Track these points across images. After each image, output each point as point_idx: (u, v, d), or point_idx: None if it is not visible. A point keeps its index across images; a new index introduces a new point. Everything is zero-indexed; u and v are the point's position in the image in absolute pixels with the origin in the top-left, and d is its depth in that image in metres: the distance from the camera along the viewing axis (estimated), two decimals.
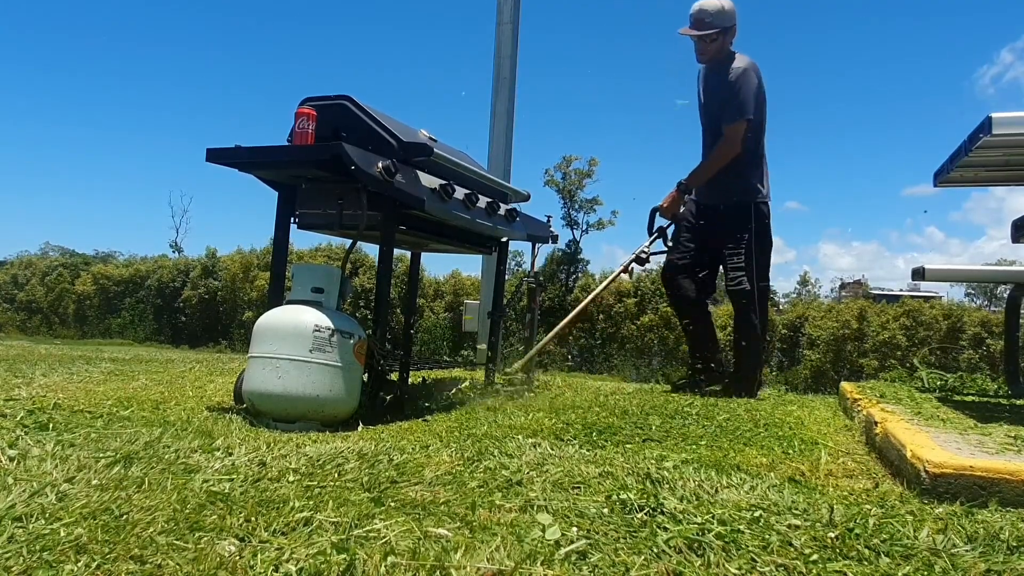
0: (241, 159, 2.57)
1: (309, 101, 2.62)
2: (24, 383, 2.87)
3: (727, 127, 3.32)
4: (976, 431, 1.96)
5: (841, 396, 3.18)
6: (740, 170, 3.35)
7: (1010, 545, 1.22)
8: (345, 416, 2.36)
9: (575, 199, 18.44)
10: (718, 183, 3.40)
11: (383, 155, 2.47)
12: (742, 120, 3.28)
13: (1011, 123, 2.22)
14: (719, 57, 3.36)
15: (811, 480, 1.68)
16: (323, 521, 1.20)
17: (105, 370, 3.67)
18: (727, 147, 3.32)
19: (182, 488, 1.37)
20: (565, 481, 1.54)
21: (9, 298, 15.91)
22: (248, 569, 1.01)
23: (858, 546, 1.17)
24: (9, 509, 1.19)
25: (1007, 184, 3.28)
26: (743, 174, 3.35)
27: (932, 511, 1.40)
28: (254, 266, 13.28)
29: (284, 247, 2.83)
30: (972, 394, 3.27)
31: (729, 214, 3.35)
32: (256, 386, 2.31)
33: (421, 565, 1.04)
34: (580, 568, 1.06)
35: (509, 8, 4.82)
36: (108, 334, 13.89)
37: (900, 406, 2.45)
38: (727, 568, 1.08)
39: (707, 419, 2.55)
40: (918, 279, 3.53)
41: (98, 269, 15.36)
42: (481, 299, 4.88)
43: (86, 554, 1.03)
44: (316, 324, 2.31)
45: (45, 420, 2.00)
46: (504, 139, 4.76)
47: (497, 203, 3.11)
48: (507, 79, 4.79)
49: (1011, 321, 3.61)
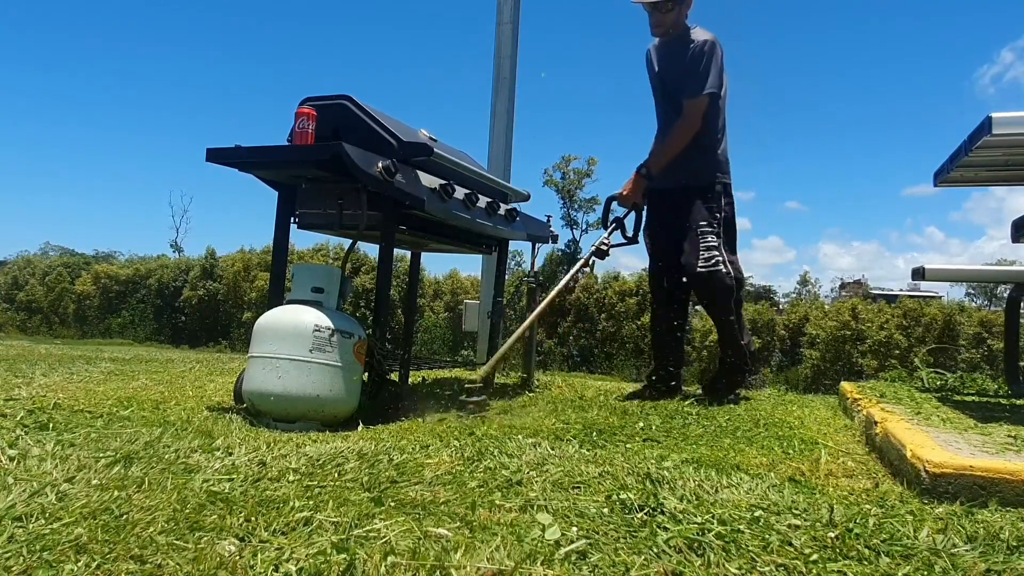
0: (241, 159, 2.56)
1: (309, 101, 2.62)
2: (24, 383, 2.87)
3: (689, 101, 3.03)
4: (976, 431, 1.96)
5: (841, 396, 3.18)
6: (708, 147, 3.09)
7: (1010, 545, 1.22)
8: (345, 416, 2.36)
9: (574, 199, 18.41)
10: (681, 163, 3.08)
11: (383, 155, 2.47)
12: (706, 95, 3.01)
13: (1011, 123, 2.22)
14: (676, 30, 3.11)
15: (811, 480, 1.67)
16: (323, 521, 1.20)
17: (105, 370, 3.67)
18: (689, 123, 3.03)
19: (182, 488, 1.37)
20: (565, 481, 1.54)
21: (9, 298, 15.91)
22: (248, 569, 1.01)
23: (858, 546, 1.17)
24: (9, 509, 1.20)
25: (1007, 184, 3.28)
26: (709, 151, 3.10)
27: (932, 511, 1.40)
28: (254, 266, 13.28)
29: (284, 247, 2.83)
30: (972, 394, 3.26)
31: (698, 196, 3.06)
32: (256, 386, 2.31)
33: (421, 565, 1.04)
34: (580, 568, 1.06)
35: (509, 8, 4.82)
36: (108, 334, 13.89)
37: (900, 406, 2.45)
38: (727, 568, 1.08)
39: (707, 419, 2.55)
40: (918, 279, 3.53)
41: (99, 269, 15.37)
42: (481, 299, 4.87)
43: (86, 554, 1.03)
44: (316, 324, 2.31)
45: (45, 420, 2.01)
46: (504, 139, 4.76)
47: (497, 203, 3.11)
48: (507, 79, 4.78)
49: (1011, 321, 3.61)
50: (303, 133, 2.51)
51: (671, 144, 3.09)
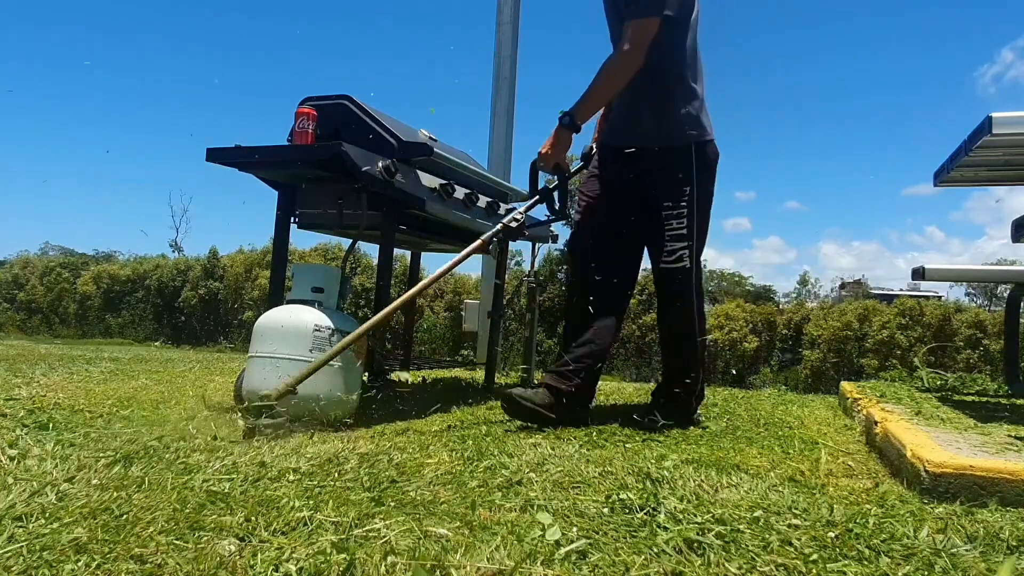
0: (241, 159, 2.57)
1: (309, 101, 2.62)
2: (24, 383, 2.87)
3: (632, 23, 2.26)
4: (976, 431, 1.96)
5: (841, 396, 3.18)
6: (673, 99, 2.33)
7: (1010, 545, 1.22)
8: (345, 416, 2.36)
9: (575, 198, 18.41)
10: (642, 116, 2.39)
11: (383, 155, 2.47)
12: (653, 17, 2.24)
13: (1011, 123, 2.22)
14: None
15: (811, 480, 1.68)
16: (323, 521, 1.20)
17: (105, 370, 3.67)
18: (628, 53, 2.25)
19: (182, 488, 1.37)
20: (565, 481, 1.54)
21: (9, 298, 15.91)
22: (248, 569, 1.01)
23: (858, 546, 1.17)
24: (9, 509, 1.20)
25: (1007, 184, 3.28)
26: (678, 103, 2.33)
27: (932, 511, 1.40)
28: (255, 265, 13.28)
29: (284, 247, 2.83)
30: (972, 394, 3.27)
31: (663, 160, 2.34)
32: (256, 386, 2.31)
33: (421, 565, 1.04)
34: (580, 568, 1.06)
35: (509, 8, 4.82)
36: (108, 334, 13.89)
37: (900, 406, 2.45)
38: (727, 568, 1.08)
39: (707, 419, 2.55)
40: (918, 279, 3.53)
41: (100, 269, 15.37)
42: (481, 299, 4.87)
43: (86, 554, 1.03)
44: (316, 324, 2.31)
45: (45, 420, 2.01)
46: (504, 139, 4.76)
47: (497, 203, 3.11)
48: (507, 79, 4.78)
49: (1011, 321, 3.61)
50: (303, 133, 2.52)
51: (600, 81, 2.31)
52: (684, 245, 2.33)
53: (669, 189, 2.33)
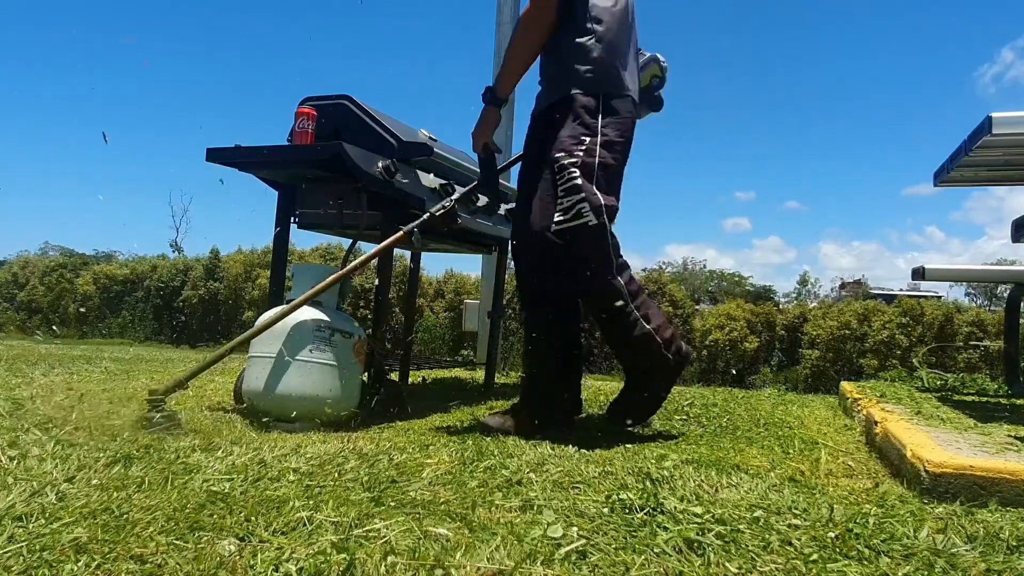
0: (241, 159, 2.57)
1: (309, 101, 2.62)
2: (24, 383, 2.87)
3: None
4: (976, 431, 1.96)
5: (841, 396, 3.18)
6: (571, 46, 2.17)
7: (1010, 545, 1.22)
8: (345, 416, 2.36)
9: None
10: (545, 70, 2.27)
11: (383, 155, 2.47)
12: None
13: (1011, 123, 2.22)
14: None
15: (811, 480, 1.68)
16: (323, 521, 1.20)
17: (105, 370, 3.67)
18: (531, 15, 2.17)
19: (182, 488, 1.37)
20: (565, 481, 1.54)
21: (9, 298, 15.90)
22: (248, 569, 1.01)
23: (858, 546, 1.17)
24: (9, 509, 1.19)
25: (1007, 184, 3.28)
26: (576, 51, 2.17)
27: (932, 511, 1.40)
28: (255, 265, 13.28)
29: (284, 247, 2.83)
30: (972, 394, 3.27)
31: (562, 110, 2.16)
32: (256, 386, 2.31)
33: (421, 565, 1.04)
34: (580, 568, 1.06)
35: (509, 8, 4.82)
36: (108, 334, 13.88)
37: (900, 406, 2.45)
38: (727, 568, 1.08)
39: (707, 419, 2.55)
40: (918, 279, 3.53)
41: (99, 269, 15.36)
42: (481, 299, 4.87)
43: (86, 554, 1.03)
44: (316, 323, 2.31)
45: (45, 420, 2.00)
46: (504, 139, 4.76)
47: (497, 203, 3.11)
48: None
49: (1011, 321, 3.61)
50: (303, 133, 2.52)
51: (511, 47, 2.24)
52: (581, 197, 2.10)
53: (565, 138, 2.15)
